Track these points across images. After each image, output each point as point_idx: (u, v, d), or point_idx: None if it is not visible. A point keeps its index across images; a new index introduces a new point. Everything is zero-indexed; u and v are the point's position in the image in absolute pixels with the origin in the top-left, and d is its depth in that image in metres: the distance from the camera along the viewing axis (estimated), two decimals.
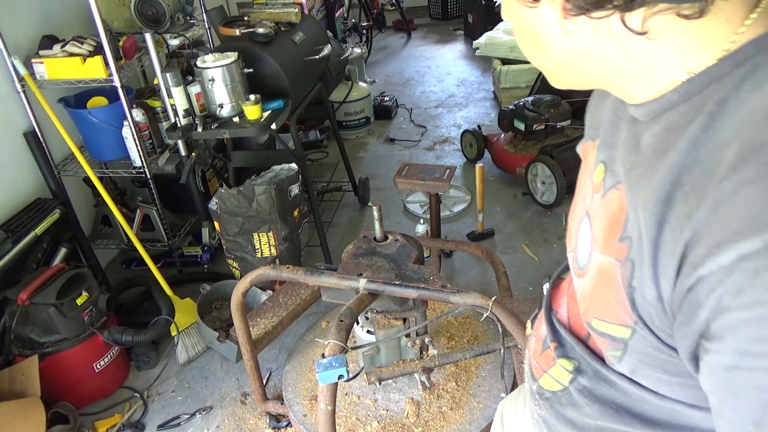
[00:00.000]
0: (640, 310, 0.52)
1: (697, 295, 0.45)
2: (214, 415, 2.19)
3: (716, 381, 0.47)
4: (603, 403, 0.65)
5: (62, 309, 2.04)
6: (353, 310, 1.48)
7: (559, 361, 0.70)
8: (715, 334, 0.45)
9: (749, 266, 0.41)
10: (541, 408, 0.77)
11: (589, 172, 0.67)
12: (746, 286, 0.41)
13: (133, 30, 2.73)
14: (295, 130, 2.69)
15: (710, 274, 0.43)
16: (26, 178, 2.49)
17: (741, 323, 0.42)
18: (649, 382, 0.58)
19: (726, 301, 0.43)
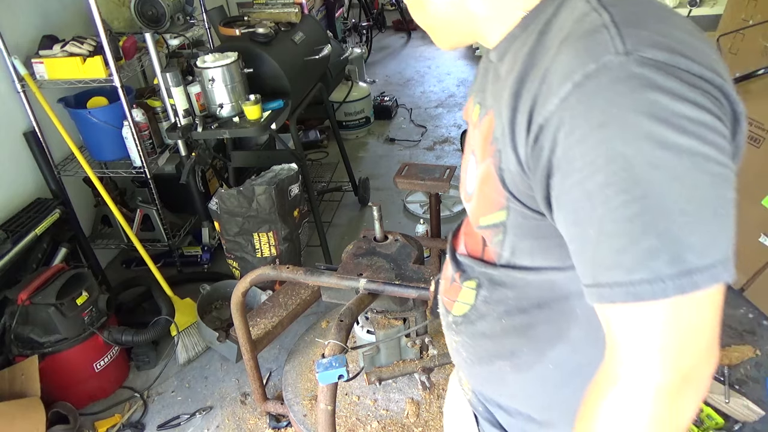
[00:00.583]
0: (509, 185, 0.64)
1: (540, 141, 0.57)
2: (214, 415, 2.19)
3: (562, 210, 0.57)
4: (501, 303, 0.77)
5: (62, 309, 2.04)
6: (353, 310, 1.48)
7: (464, 284, 0.82)
8: (554, 168, 0.56)
9: (566, 104, 0.54)
10: (458, 334, 0.86)
11: (471, 122, 0.79)
12: (566, 120, 0.54)
13: (133, 30, 2.73)
14: (295, 130, 2.69)
15: (545, 121, 0.56)
16: (26, 178, 2.49)
17: (567, 150, 0.54)
18: (525, 256, 0.70)
19: (557, 138, 0.55)
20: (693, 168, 0.51)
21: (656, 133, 0.50)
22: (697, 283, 0.51)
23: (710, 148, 0.51)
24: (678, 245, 0.50)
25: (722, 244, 0.52)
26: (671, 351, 0.53)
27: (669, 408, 0.54)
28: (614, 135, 0.51)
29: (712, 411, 2.00)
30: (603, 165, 0.51)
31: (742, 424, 1.96)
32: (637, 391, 0.54)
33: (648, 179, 0.50)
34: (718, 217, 0.52)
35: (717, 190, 0.52)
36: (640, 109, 0.51)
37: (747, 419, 1.97)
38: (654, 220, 0.50)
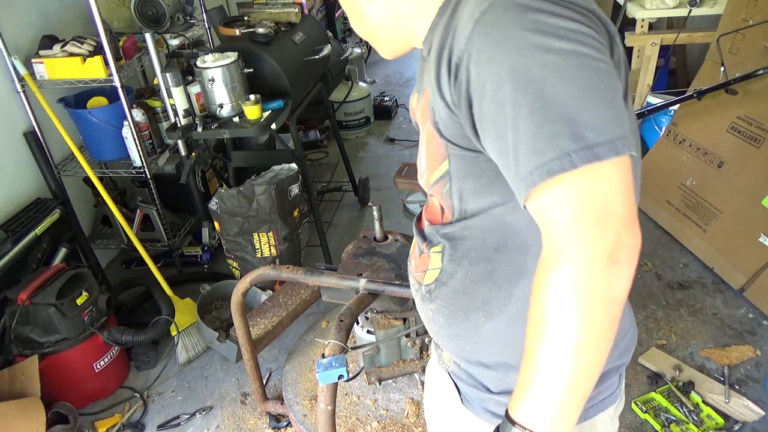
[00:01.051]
0: (444, 132, 0.74)
1: (459, 78, 0.67)
2: (214, 415, 2.19)
3: (487, 134, 0.66)
4: (464, 257, 0.83)
5: (62, 309, 2.04)
6: (353, 310, 1.48)
7: (431, 251, 0.89)
8: (473, 98, 0.66)
9: (471, 39, 0.65)
10: (432, 302, 0.92)
11: (417, 112, 0.87)
12: (473, 52, 0.65)
13: (133, 30, 2.72)
14: (295, 130, 2.69)
15: (459, 59, 0.67)
16: (26, 178, 2.49)
17: (480, 76, 0.64)
18: (472, 198, 0.78)
19: (470, 70, 0.65)
20: (577, 64, 0.61)
21: (543, 42, 0.61)
22: (598, 154, 0.59)
23: (589, 49, 0.62)
24: (576, 125, 0.59)
25: (615, 123, 0.61)
26: (591, 221, 0.60)
27: (602, 277, 0.60)
28: (510, 49, 0.62)
29: (712, 411, 2.00)
30: (507, 76, 0.62)
31: (742, 424, 1.96)
32: (569, 265, 0.60)
33: (542, 78, 0.60)
34: (607, 102, 0.61)
35: (600, 79, 0.62)
36: (527, 27, 0.62)
37: (747, 419, 1.97)
38: (553, 109, 0.60)
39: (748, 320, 2.42)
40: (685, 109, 3.03)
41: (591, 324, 0.62)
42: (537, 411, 0.66)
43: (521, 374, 0.68)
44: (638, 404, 2.03)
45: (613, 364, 0.91)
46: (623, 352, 0.93)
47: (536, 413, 0.66)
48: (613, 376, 0.94)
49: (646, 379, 2.17)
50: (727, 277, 2.61)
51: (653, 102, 3.23)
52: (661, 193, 3.05)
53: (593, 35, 0.64)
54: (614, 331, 0.63)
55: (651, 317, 2.48)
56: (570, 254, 0.60)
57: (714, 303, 2.53)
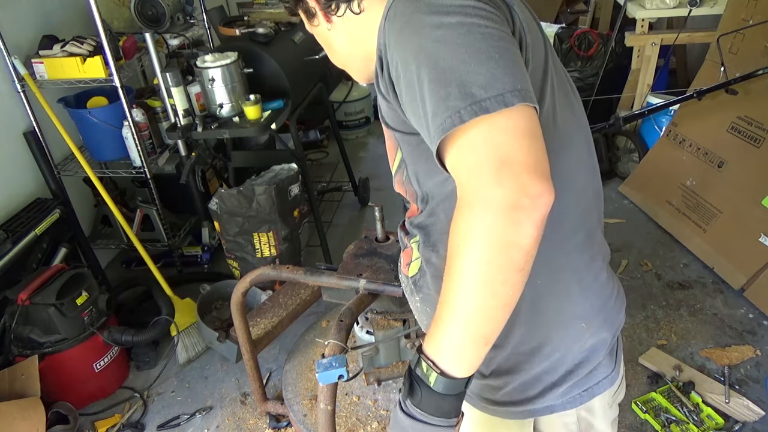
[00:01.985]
0: (389, 122, 0.83)
1: (384, 68, 0.75)
2: (214, 415, 2.19)
3: (405, 106, 0.74)
4: (437, 243, 0.89)
5: (62, 309, 2.04)
6: (353, 310, 1.47)
7: (411, 242, 0.96)
8: (394, 80, 0.74)
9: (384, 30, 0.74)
10: (419, 291, 0.97)
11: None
12: (386, 40, 0.73)
13: (133, 30, 2.72)
14: (295, 130, 2.69)
15: (381, 52, 0.75)
16: (26, 178, 2.49)
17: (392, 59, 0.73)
18: (426, 179, 0.85)
19: (387, 57, 0.74)
20: (463, 33, 0.67)
21: (433, 20, 0.69)
22: (486, 107, 0.63)
23: (475, 18, 0.68)
24: (465, 86, 0.65)
25: (504, 79, 0.65)
26: (492, 168, 0.63)
27: (502, 220, 0.63)
28: (410, 32, 0.70)
29: (712, 411, 2.00)
30: (410, 57, 0.69)
31: (742, 424, 1.96)
32: (474, 208, 0.65)
33: (435, 51, 0.67)
34: (493, 60, 0.66)
35: (488, 42, 0.67)
36: (420, 9, 0.70)
37: (747, 419, 1.97)
38: (446, 75, 0.66)
39: (748, 320, 2.42)
40: (685, 109, 3.03)
41: (488, 265, 0.65)
42: (439, 344, 0.73)
43: (436, 312, 0.73)
44: (638, 404, 2.03)
45: (595, 338, 0.93)
46: (603, 325, 0.94)
47: (438, 346, 0.73)
48: (600, 351, 0.95)
49: (646, 379, 2.17)
50: (727, 277, 2.61)
51: (653, 102, 3.23)
52: (661, 193, 3.05)
53: (482, 6, 0.69)
54: (517, 277, 0.66)
55: (651, 317, 2.48)
56: (473, 200, 0.65)
57: (714, 303, 2.53)
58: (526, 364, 0.92)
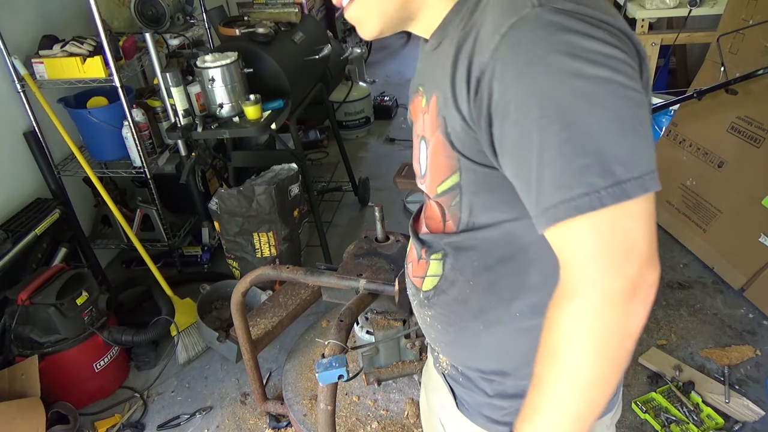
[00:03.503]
0: (457, 145, 0.71)
1: (480, 93, 0.63)
2: (214, 415, 2.19)
3: (506, 154, 0.64)
4: (467, 266, 0.82)
5: (62, 309, 2.04)
6: (353, 310, 1.47)
7: (431, 257, 0.87)
8: (494, 116, 0.63)
9: (497, 54, 0.61)
10: (430, 308, 0.91)
11: (419, 111, 0.84)
12: (498, 67, 0.61)
13: (133, 30, 2.72)
14: (295, 130, 2.69)
15: (481, 73, 0.63)
16: (26, 178, 2.49)
17: (502, 95, 0.61)
18: (482, 212, 0.76)
19: (493, 86, 0.62)
20: (609, 93, 0.58)
21: (574, 67, 0.58)
22: (628, 192, 0.57)
23: (621, 77, 0.59)
24: (606, 159, 0.57)
25: (645, 157, 0.59)
26: (616, 257, 0.59)
27: (620, 313, 0.60)
28: (540, 72, 0.59)
29: (712, 411, 2.00)
30: (534, 101, 0.59)
31: (742, 424, 1.96)
32: (591, 299, 0.60)
33: (573, 106, 0.58)
34: (637, 133, 0.59)
35: (632, 110, 0.59)
36: (559, 48, 0.58)
37: (747, 419, 1.97)
38: (583, 141, 0.58)
39: (748, 320, 2.42)
40: (685, 109, 3.03)
41: (605, 361, 0.62)
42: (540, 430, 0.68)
43: (530, 396, 0.69)
44: (638, 404, 2.03)
45: None
46: None
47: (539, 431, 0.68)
48: None
49: (646, 379, 2.17)
50: (727, 277, 2.61)
51: (653, 102, 3.23)
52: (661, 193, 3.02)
53: (625, 60, 0.60)
54: (626, 365, 0.63)
55: (651, 317, 2.47)
56: (589, 290, 0.60)
57: (714, 303, 2.53)
58: None
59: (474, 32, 0.66)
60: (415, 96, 0.87)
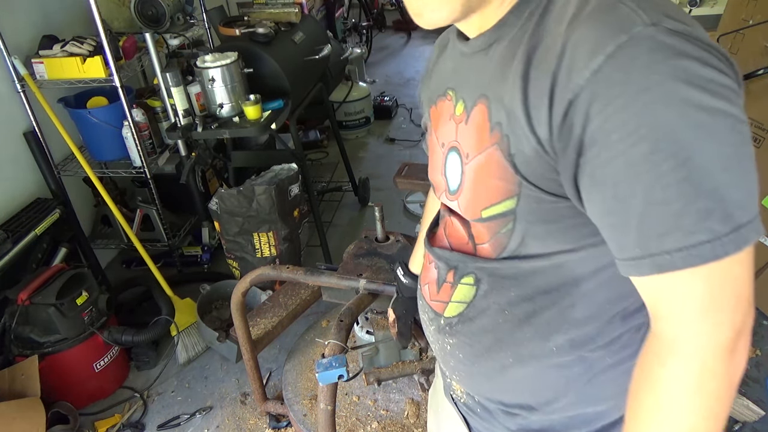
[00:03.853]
0: (522, 170, 0.63)
1: (570, 119, 0.56)
2: (214, 415, 2.19)
3: (598, 184, 0.56)
4: (503, 295, 0.75)
5: (62, 309, 2.04)
6: (353, 310, 1.47)
7: (460, 281, 0.79)
8: (588, 143, 0.55)
9: (600, 76, 0.53)
10: (453, 336, 0.83)
11: (447, 118, 0.77)
12: (601, 91, 0.53)
13: (133, 30, 2.72)
14: (295, 130, 2.69)
15: (575, 96, 0.55)
16: (26, 178, 2.49)
17: (605, 122, 0.53)
18: (536, 242, 0.68)
19: (591, 111, 0.54)
20: (728, 128, 0.52)
21: (694, 97, 0.51)
22: (746, 238, 0.52)
23: (737, 109, 0.53)
24: (727, 203, 0.52)
25: (754, 198, 0.54)
26: (726, 308, 0.55)
27: (729, 364, 0.56)
28: (656, 100, 0.52)
29: None
30: (647, 132, 0.52)
31: (742, 424, 1.96)
32: (702, 357, 0.56)
33: (691, 142, 0.51)
34: (751, 173, 0.54)
35: (747, 147, 0.54)
36: (678, 75, 0.52)
37: (747, 419, 1.97)
38: (702, 180, 0.52)
39: None
40: None
41: (714, 416, 0.58)
42: None
43: None
44: None
45: None
46: None
47: None
48: None
49: None
50: None
51: None
52: None
53: (737, 90, 0.54)
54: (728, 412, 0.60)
55: None
56: (700, 347, 0.56)
57: None
58: (560, 426, 0.83)
59: (552, 43, 0.58)
60: (440, 99, 0.79)
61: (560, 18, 0.59)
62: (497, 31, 0.66)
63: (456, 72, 0.76)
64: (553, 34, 0.59)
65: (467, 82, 0.72)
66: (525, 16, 0.64)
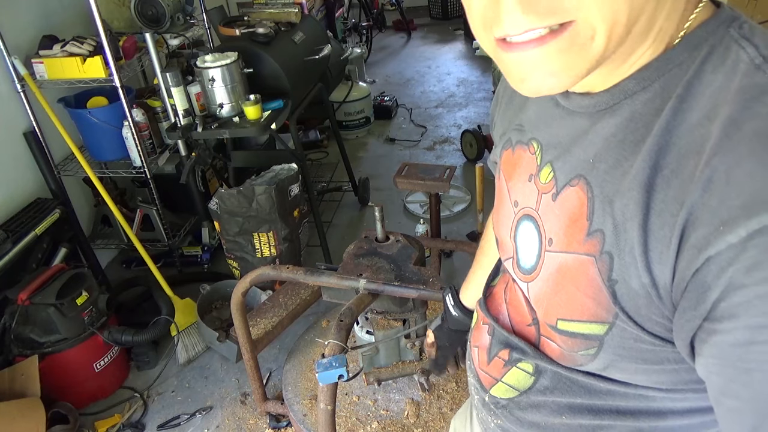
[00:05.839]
0: (623, 302, 0.51)
1: (704, 277, 0.44)
2: (214, 415, 2.19)
3: (724, 360, 0.45)
4: (565, 400, 0.65)
5: (62, 309, 2.04)
6: (353, 310, 1.48)
7: (518, 365, 0.68)
8: (726, 313, 0.43)
9: (762, 241, 0.40)
10: (497, 417, 0.74)
11: (527, 176, 0.65)
12: (760, 262, 0.40)
13: (133, 30, 2.73)
14: (295, 130, 2.69)
15: (718, 254, 0.42)
16: (26, 178, 2.49)
17: (756, 299, 0.41)
18: (623, 374, 0.58)
19: (739, 279, 0.42)
20: None
21: None
22: None
23: None
24: None
25: None
26: None
27: None
28: None
29: None
30: None
31: None
32: None
33: None
34: None
35: None
36: None
37: None
38: None
39: None
40: None
41: None
42: None
43: None
44: None
45: None
46: None
47: None
48: None
49: None
50: None
51: None
52: None
53: None
54: None
55: None
56: None
57: None
58: None
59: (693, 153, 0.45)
60: (520, 146, 0.67)
61: (710, 114, 0.45)
62: (612, 97, 0.52)
63: (544, 123, 0.63)
64: (695, 136, 0.45)
65: (560, 145, 0.59)
66: (653, 89, 0.49)
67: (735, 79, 0.45)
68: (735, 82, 0.45)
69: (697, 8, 0.49)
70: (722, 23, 0.48)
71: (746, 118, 0.43)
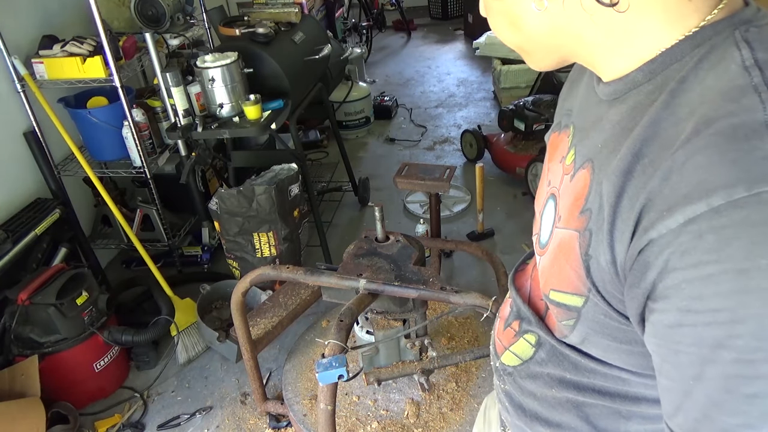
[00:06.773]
0: (594, 277, 0.55)
1: (646, 257, 0.47)
2: (214, 415, 2.19)
3: (659, 339, 0.49)
4: (556, 373, 0.70)
5: (62, 309, 2.04)
6: (353, 310, 1.48)
7: (524, 335, 0.74)
8: (660, 294, 0.47)
9: (694, 228, 0.43)
10: (504, 383, 0.80)
11: (559, 157, 0.68)
12: (691, 248, 0.43)
13: (133, 30, 2.73)
14: (295, 130, 2.69)
15: (659, 237, 0.45)
16: (26, 178, 2.49)
17: (684, 282, 0.44)
18: (598, 350, 0.62)
19: (672, 262, 0.45)
20: None
21: None
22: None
23: None
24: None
25: None
26: None
27: None
28: (754, 290, 0.41)
29: None
30: (727, 322, 0.42)
31: None
32: None
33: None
34: None
35: None
36: None
37: None
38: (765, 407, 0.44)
39: None
40: None
41: None
42: None
43: None
44: None
45: None
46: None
47: None
48: None
49: None
50: None
51: None
52: None
53: None
54: None
55: None
56: None
57: None
58: None
59: (665, 151, 0.47)
60: (564, 130, 0.70)
61: (691, 110, 0.47)
62: (623, 86, 0.55)
63: (584, 109, 0.66)
64: (672, 132, 0.47)
65: (584, 129, 0.63)
66: (655, 83, 0.52)
67: (724, 79, 0.46)
68: (723, 82, 0.46)
69: (719, 5, 0.49)
70: (732, 24, 0.49)
71: (719, 116, 0.44)
